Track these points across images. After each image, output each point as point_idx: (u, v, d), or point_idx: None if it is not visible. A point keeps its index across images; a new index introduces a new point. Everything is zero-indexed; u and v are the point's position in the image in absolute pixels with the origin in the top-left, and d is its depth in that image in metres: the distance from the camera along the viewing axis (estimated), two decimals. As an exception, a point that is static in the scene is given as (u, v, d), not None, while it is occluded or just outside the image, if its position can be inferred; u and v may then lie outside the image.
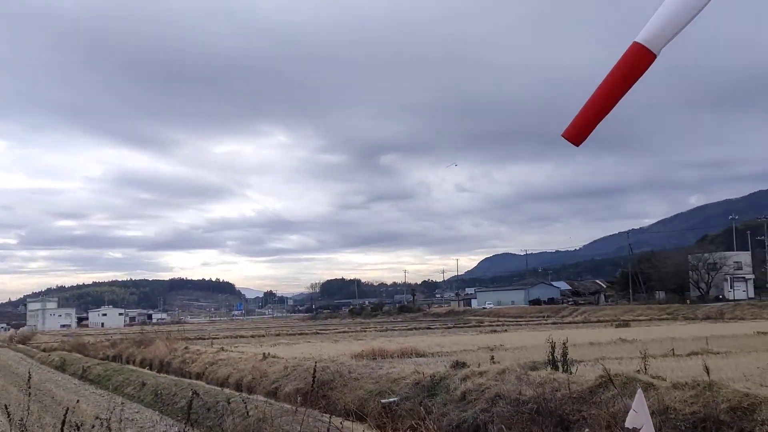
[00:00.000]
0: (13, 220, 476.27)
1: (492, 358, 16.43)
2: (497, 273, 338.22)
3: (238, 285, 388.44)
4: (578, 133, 4.04)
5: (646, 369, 11.69)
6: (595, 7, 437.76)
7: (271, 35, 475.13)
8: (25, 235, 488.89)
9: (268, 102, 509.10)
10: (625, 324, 50.69)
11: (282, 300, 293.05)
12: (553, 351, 13.40)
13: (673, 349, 20.42)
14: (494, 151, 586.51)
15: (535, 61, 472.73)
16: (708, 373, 9.26)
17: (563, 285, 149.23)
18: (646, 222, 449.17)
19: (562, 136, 4.04)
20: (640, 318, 65.42)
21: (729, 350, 21.28)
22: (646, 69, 3.84)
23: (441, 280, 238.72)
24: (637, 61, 3.83)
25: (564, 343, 13.45)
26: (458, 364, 16.67)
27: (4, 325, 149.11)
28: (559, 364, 13.31)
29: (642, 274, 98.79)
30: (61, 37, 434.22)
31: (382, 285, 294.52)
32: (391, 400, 14.39)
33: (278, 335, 57.25)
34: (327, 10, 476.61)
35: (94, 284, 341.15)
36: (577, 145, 4.10)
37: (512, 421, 11.48)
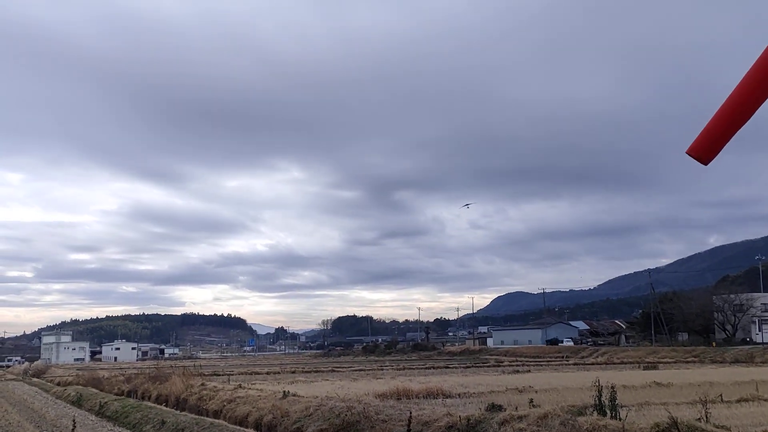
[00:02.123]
0: (30, 253, 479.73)
1: (531, 401, 15.61)
2: (510, 311, 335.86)
3: (249, 320, 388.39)
4: (708, 148, 3.40)
5: (707, 417, 10.87)
6: (612, 41, 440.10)
7: (287, 71, 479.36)
8: (41, 268, 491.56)
9: (283, 137, 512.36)
10: (653, 366, 49.48)
11: (294, 336, 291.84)
12: (600, 394, 12.59)
13: (721, 395, 19.50)
14: (508, 188, 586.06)
15: (550, 96, 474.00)
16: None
17: (581, 325, 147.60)
18: (663, 262, 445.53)
19: (687, 153, 3.42)
20: (666, 360, 64.00)
21: (779, 397, 20.32)
22: None
23: (454, 317, 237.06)
24: None
25: (613, 387, 12.63)
26: (494, 407, 15.87)
27: (19, 359, 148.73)
28: (607, 410, 12.48)
29: (664, 314, 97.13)
30: (82, 73, 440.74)
31: (394, 322, 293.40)
32: (424, 444, 13.63)
33: (294, 372, 56.46)
34: (342, 46, 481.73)
35: (108, 318, 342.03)
36: (705, 164, 3.46)
37: (561, 471, 10.72)
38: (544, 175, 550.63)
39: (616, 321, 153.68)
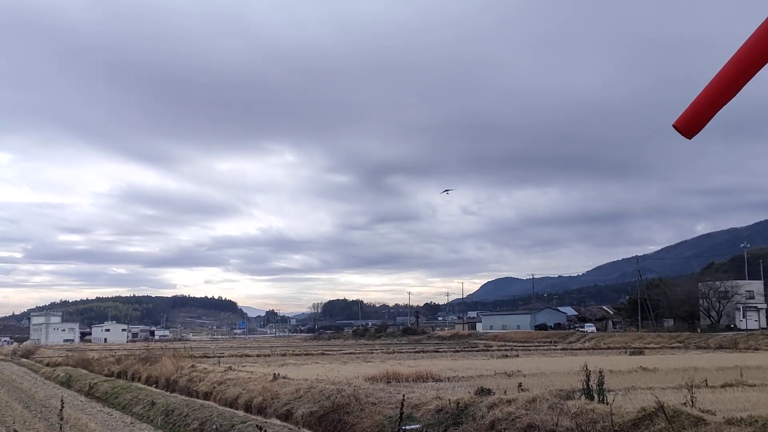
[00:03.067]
0: (19, 234, 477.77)
1: (520, 385, 15.79)
2: (500, 297, 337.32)
3: (240, 303, 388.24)
4: (693, 122, 3.53)
5: (693, 401, 11.02)
6: (606, 31, 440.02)
7: (281, 54, 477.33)
8: (30, 248, 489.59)
9: (277, 120, 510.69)
10: (640, 352, 49.84)
11: (284, 319, 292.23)
12: (588, 379, 12.74)
13: (706, 380, 19.72)
14: (500, 175, 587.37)
15: (544, 84, 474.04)
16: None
17: (569, 310, 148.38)
18: (651, 249, 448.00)
19: (674, 126, 3.55)
20: (651, 345, 64.51)
21: (764, 382, 20.53)
22: None
23: (444, 302, 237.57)
24: None
25: (600, 372, 12.78)
26: (483, 391, 16.05)
27: (8, 339, 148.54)
28: (595, 394, 12.64)
29: (651, 300, 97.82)
30: (74, 54, 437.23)
31: (384, 306, 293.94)
32: (413, 427, 13.75)
33: (284, 355, 56.57)
34: (337, 31, 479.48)
35: (98, 299, 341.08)
36: (689, 138, 3.61)
37: (548, 454, 10.87)
38: (536, 162, 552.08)
39: (604, 307, 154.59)
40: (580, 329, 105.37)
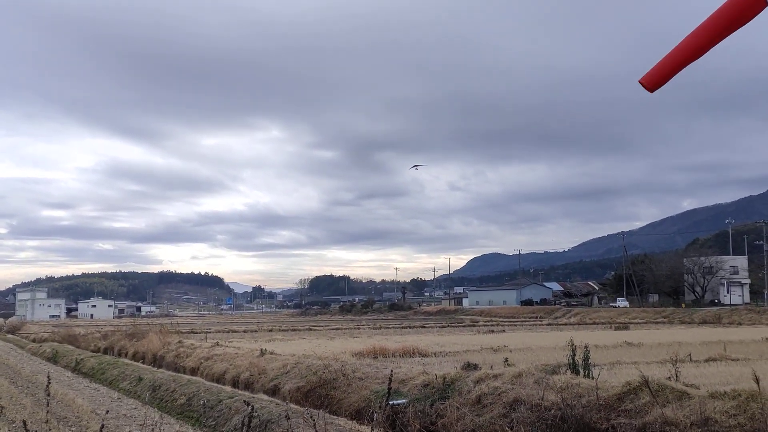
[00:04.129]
0: (4, 209, 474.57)
1: (506, 360, 15.88)
2: (486, 272, 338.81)
3: (226, 279, 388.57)
4: (657, 78, 3.81)
5: (677, 376, 11.12)
6: (593, 8, 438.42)
7: (268, 29, 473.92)
8: (15, 224, 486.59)
9: (264, 96, 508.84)
10: (625, 327, 50.32)
11: (271, 295, 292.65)
12: (574, 354, 12.82)
13: (690, 355, 19.91)
14: (487, 151, 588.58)
15: (532, 61, 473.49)
16: (758, 382, 8.68)
17: (555, 286, 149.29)
18: (637, 225, 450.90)
19: (639, 82, 3.84)
20: (636, 321, 65.11)
21: (747, 357, 20.77)
22: (752, 18, 3.49)
23: (431, 278, 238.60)
24: (745, 7, 3.47)
25: (586, 347, 12.86)
26: (470, 366, 16.10)
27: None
28: (581, 369, 12.73)
29: (636, 276, 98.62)
30: (58, 28, 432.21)
31: (371, 282, 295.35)
32: (400, 402, 13.79)
33: (271, 331, 56.69)
34: (324, 6, 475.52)
35: (84, 275, 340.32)
36: (651, 92, 3.88)
37: (534, 429, 10.93)
38: (523, 138, 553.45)
39: (589, 282, 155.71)
40: (612, 305, 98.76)
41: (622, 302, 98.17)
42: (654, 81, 3.81)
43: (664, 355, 20.20)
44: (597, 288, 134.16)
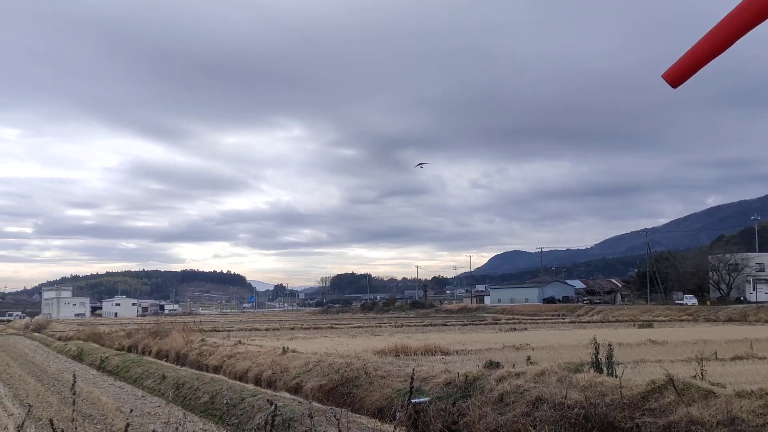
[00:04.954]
0: (30, 209, 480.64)
1: (528, 358, 15.80)
2: (508, 270, 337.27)
3: (248, 277, 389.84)
4: (680, 73, 3.76)
5: (703, 374, 10.99)
6: (616, 1, 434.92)
7: (290, 27, 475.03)
8: (40, 224, 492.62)
9: (285, 94, 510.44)
10: (648, 324, 49.81)
11: (293, 293, 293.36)
12: (597, 352, 12.72)
13: (716, 353, 19.68)
14: (510, 147, 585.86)
15: (555, 55, 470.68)
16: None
17: (578, 283, 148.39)
18: (661, 222, 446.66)
19: (662, 77, 3.81)
20: (660, 318, 64.48)
21: (774, 355, 20.52)
22: None
23: (452, 276, 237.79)
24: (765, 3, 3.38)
25: (609, 345, 12.75)
26: (492, 364, 16.03)
27: (20, 313, 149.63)
28: (604, 367, 12.62)
29: (660, 273, 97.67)
30: (84, 28, 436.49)
31: (393, 280, 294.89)
32: (422, 400, 13.76)
33: (293, 329, 56.83)
34: (346, 3, 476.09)
35: (108, 274, 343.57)
36: (675, 87, 3.83)
37: (557, 427, 10.86)
38: (546, 134, 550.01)
39: (612, 280, 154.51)
40: (679, 302, 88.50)
41: (690, 299, 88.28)
42: (677, 76, 3.75)
43: (689, 353, 19.97)
44: (620, 286, 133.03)
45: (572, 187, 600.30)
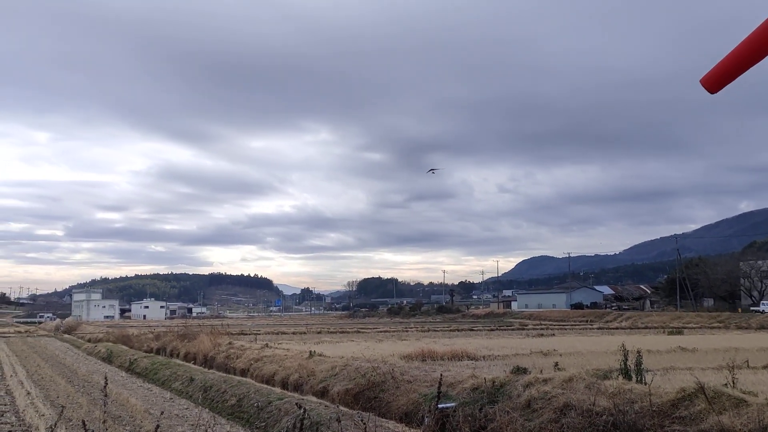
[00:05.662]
0: (61, 212, 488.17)
1: (556, 364, 15.69)
2: (535, 275, 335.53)
3: (275, 281, 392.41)
4: (718, 79, 3.69)
5: (734, 382, 10.83)
6: (646, 4, 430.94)
7: (317, 31, 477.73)
8: (71, 226, 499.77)
9: (312, 98, 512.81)
10: (678, 331, 49.21)
11: (319, 297, 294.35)
12: (626, 358, 12.59)
13: (747, 361, 19.39)
14: (538, 152, 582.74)
15: (584, 60, 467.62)
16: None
17: (606, 289, 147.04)
18: (691, 227, 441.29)
19: (700, 82, 3.73)
20: (690, 325, 63.71)
21: (807, 364, 20.15)
22: None
23: (479, 281, 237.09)
24: None
25: (638, 351, 12.62)
26: (519, 370, 15.95)
27: (51, 315, 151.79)
28: (633, 374, 12.49)
29: (690, 280, 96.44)
30: (116, 33, 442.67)
31: (419, 285, 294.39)
32: (449, 405, 13.72)
33: (320, 333, 56.98)
34: (374, 8, 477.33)
35: (136, 277, 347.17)
36: (713, 93, 3.76)
37: (585, 434, 10.76)
38: (575, 139, 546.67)
39: (641, 286, 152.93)
40: (755, 309, 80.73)
41: (766, 306, 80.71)
42: (715, 82, 3.70)
43: (719, 360, 19.70)
44: (649, 292, 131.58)
45: (601, 191, 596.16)
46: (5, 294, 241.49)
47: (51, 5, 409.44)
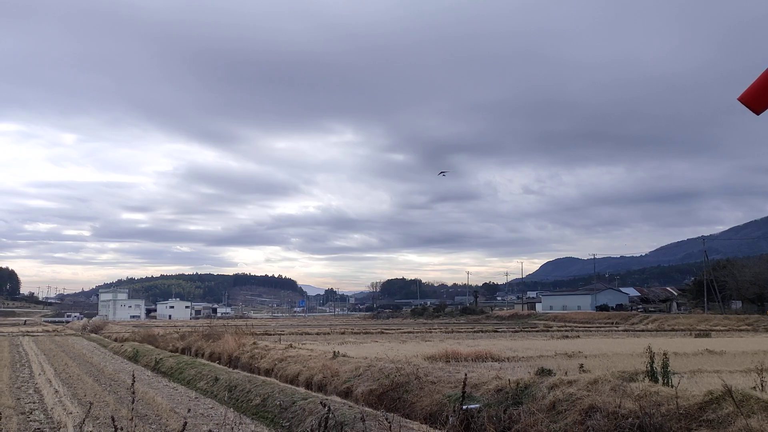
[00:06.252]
0: (88, 212, 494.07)
1: (581, 366, 15.59)
2: (560, 277, 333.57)
3: (299, 282, 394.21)
4: (761, 97, 3.33)
5: (763, 385, 10.68)
6: (675, 3, 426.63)
7: (342, 32, 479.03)
8: (98, 227, 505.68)
9: (338, 99, 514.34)
10: (706, 334, 48.62)
11: (343, 298, 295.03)
12: (652, 361, 12.47)
13: (777, 364, 19.11)
14: (563, 153, 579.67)
15: (610, 58, 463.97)
16: None
17: (632, 291, 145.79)
18: (719, 229, 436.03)
19: (739, 100, 3.37)
20: (718, 328, 62.92)
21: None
22: None
23: (503, 282, 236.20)
24: None
25: (665, 354, 12.50)
26: (543, 371, 15.87)
27: (78, 314, 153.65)
28: (659, 376, 12.36)
29: (717, 282, 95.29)
30: (143, 35, 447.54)
31: (443, 286, 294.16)
32: (473, 406, 13.69)
33: (344, 333, 57.10)
34: (399, 7, 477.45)
35: (162, 277, 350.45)
36: (758, 114, 3.39)
37: (611, 436, 10.67)
38: (601, 140, 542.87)
39: (668, 288, 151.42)
40: None
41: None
42: (758, 100, 3.36)
43: (748, 364, 19.42)
44: (676, 294, 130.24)
45: (627, 193, 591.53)
46: (34, 293, 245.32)
47: (76, 8, 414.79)
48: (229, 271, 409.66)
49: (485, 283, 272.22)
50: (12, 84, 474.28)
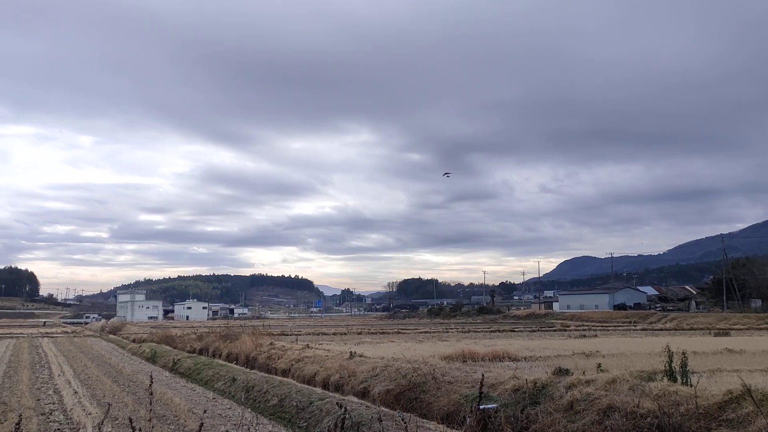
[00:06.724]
0: (106, 214, 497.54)
1: (599, 365, 15.49)
2: (576, 276, 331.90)
3: (316, 282, 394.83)
4: None
5: (784, 385, 10.57)
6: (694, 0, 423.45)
7: (358, 32, 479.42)
8: (116, 228, 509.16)
9: (353, 99, 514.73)
10: (725, 333, 48.21)
11: (359, 298, 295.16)
12: (671, 360, 12.38)
13: (798, 363, 18.96)
14: (580, 151, 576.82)
15: (627, 55, 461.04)
16: None
17: (650, 290, 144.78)
18: (738, 227, 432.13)
19: None
20: (738, 327, 62.35)
21: None
22: None
23: (520, 281, 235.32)
24: None
25: (684, 353, 12.40)
26: (561, 371, 15.79)
27: (96, 316, 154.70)
28: (678, 376, 12.27)
29: (737, 280, 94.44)
30: (159, 37, 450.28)
31: (459, 285, 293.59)
32: (491, 406, 13.64)
33: (360, 333, 57.14)
34: (414, 7, 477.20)
35: (179, 278, 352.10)
36: None
37: (629, 436, 10.60)
38: (619, 138, 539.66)
39: (686, 287, 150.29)
40: None
41: None
42: None
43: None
44: (695, 293, 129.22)
45: (645, 191, 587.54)
46: (52, 295, 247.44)
47: (93, 11, 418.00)
48: (246, 272, 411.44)
49: (502, 282, 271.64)
50: (30, 86, 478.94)
